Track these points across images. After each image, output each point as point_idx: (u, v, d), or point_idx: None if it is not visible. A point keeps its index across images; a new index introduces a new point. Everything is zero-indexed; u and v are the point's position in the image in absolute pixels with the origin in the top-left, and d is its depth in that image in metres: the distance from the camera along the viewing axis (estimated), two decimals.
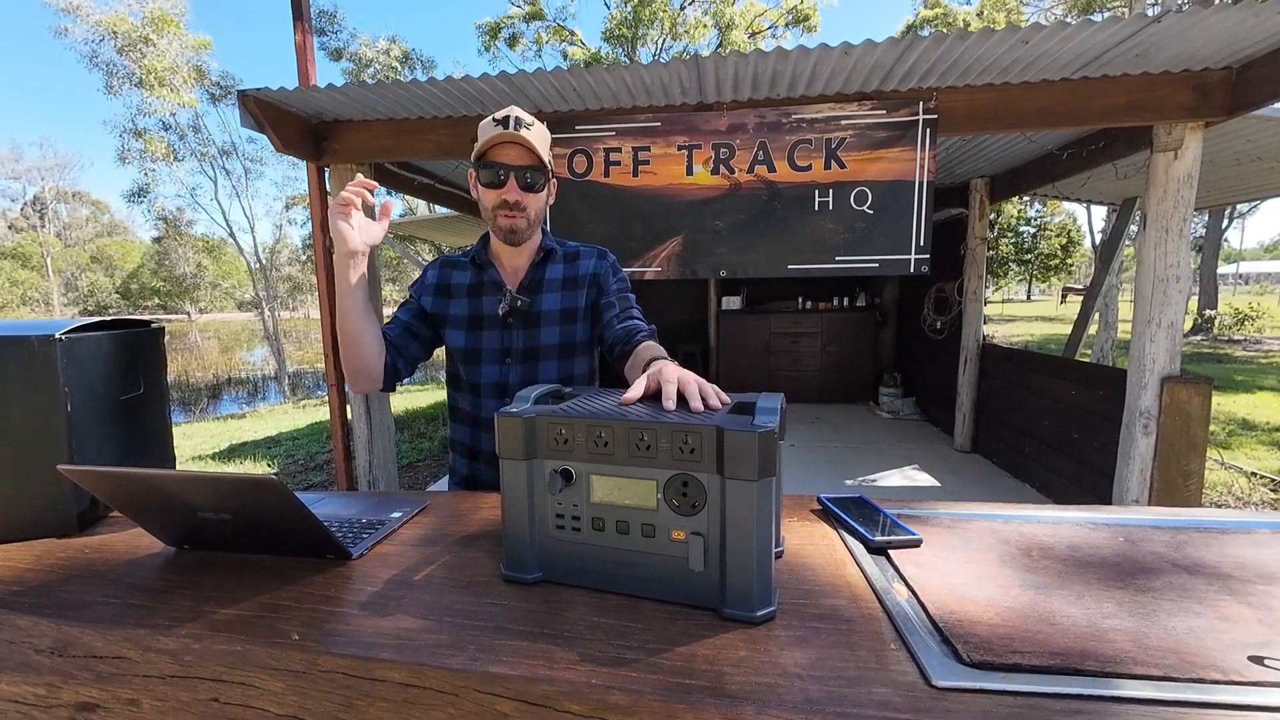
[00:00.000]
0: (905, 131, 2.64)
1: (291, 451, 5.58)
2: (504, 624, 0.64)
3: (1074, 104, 2.50)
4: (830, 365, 6.72)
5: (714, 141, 2.82)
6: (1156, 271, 2.56)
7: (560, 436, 0.70)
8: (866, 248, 2.75)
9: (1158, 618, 0.64)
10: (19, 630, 0.67)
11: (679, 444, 0.65)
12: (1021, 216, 18.70)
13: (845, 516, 0.89)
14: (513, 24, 16.99)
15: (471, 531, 0.91)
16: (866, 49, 2.26)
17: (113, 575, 0.78)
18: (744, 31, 16.23)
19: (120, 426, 1.01)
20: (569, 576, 0.72)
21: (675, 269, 2.96)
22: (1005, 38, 2.15)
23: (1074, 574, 0.74)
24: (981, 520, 0.92)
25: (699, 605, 0.66)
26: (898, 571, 0.75)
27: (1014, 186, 4.38)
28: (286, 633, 0.63)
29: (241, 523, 0.76)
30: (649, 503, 0.68)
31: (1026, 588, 0.71)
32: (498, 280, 1.22)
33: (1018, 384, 4.16)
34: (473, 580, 0.74)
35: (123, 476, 0.72)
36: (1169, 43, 2.16)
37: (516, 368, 1.21)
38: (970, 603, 0.67)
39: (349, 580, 0.75)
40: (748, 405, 0.72)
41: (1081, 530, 0.88)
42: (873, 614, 0.65)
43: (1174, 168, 2.50)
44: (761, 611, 0.63)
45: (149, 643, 0.64)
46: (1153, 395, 2.59)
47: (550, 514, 0.72)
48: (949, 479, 4.13)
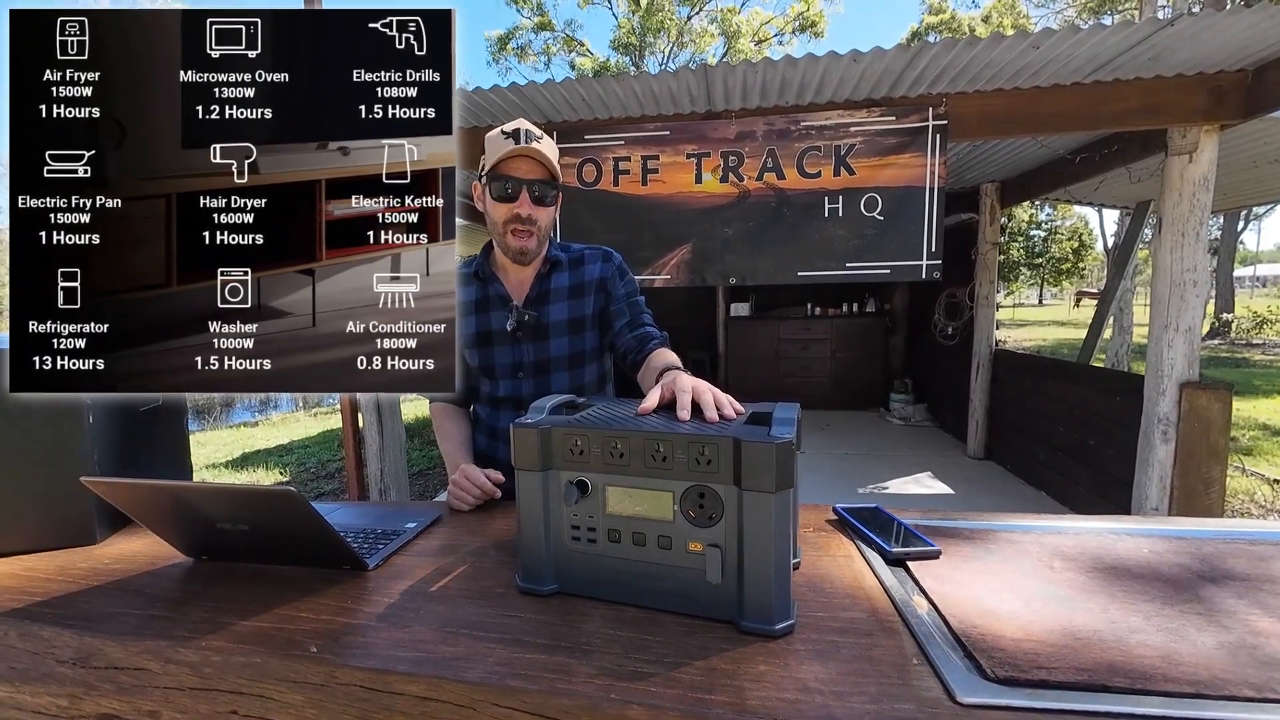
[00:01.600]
0: (915, 138, 2.64)
1: (303, 459, 5.63)
2: (521, 636, 0.64)
3: (1086, 108, 2.48)
4: (840, 371, 6.68)
5: (723, 149, 2.82)
6: (1173, 276, 2.53)
7: (576, 447, 0.70)
8: (877, 254, 2.74)
9: (1187, 633, 0.62)
10: (42, 641, 0.68)
11: (695, 455, 0.65)
12: (1033, 221, 18.57)
13: (862, 527, 0.88)
14: (522, 35, 17.20)
15: (486, 542, 0.91)
16: (876, 56, 2.26)
17: (133, 586, 0.78)
18: (750, 39, 16.31)
19: (139, 438, 1.02)
20: (585, 588, 0.72)
21: (685, 276, 2.96)
22: (1016, 43, 2.14)
23: (1098, 587, 0.73)
24: (1001, 531, 0.91)
25: (717, 618, 0.66)
26: (917, 583, 0.74)
27: (1025, 191, 4.35)
28: (305, 645, 0.63)
29: (260, 534, 0.77)
30: (665, 514, 0.67)
31: (1050, 601, 0.70)
32: (503, 294, 1.21)
33: (1032, 390, 4.11)
34: (488, 592, 0.74)
35: (143, 488, 0.73)
36: (1182, 46, 2.14)
37: (529, 380, 1.21)
38: (993, 616, 0.66)
39: (366, 591, 0.75)
40: (764, 415, 0.72)
41: (1104, 541, 0.87)
42: (893, 627, 0.64)
43: (1189, 171, 2.48)
44: (780, 625, 0.63)
45: (169, 654, 0.64)
46: (1171, 401, 2.55)
47: (566, 525, 0.72)
48: (962, 486, 4.08)
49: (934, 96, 2.62)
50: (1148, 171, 3.06)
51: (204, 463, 5.61)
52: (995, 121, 2.59)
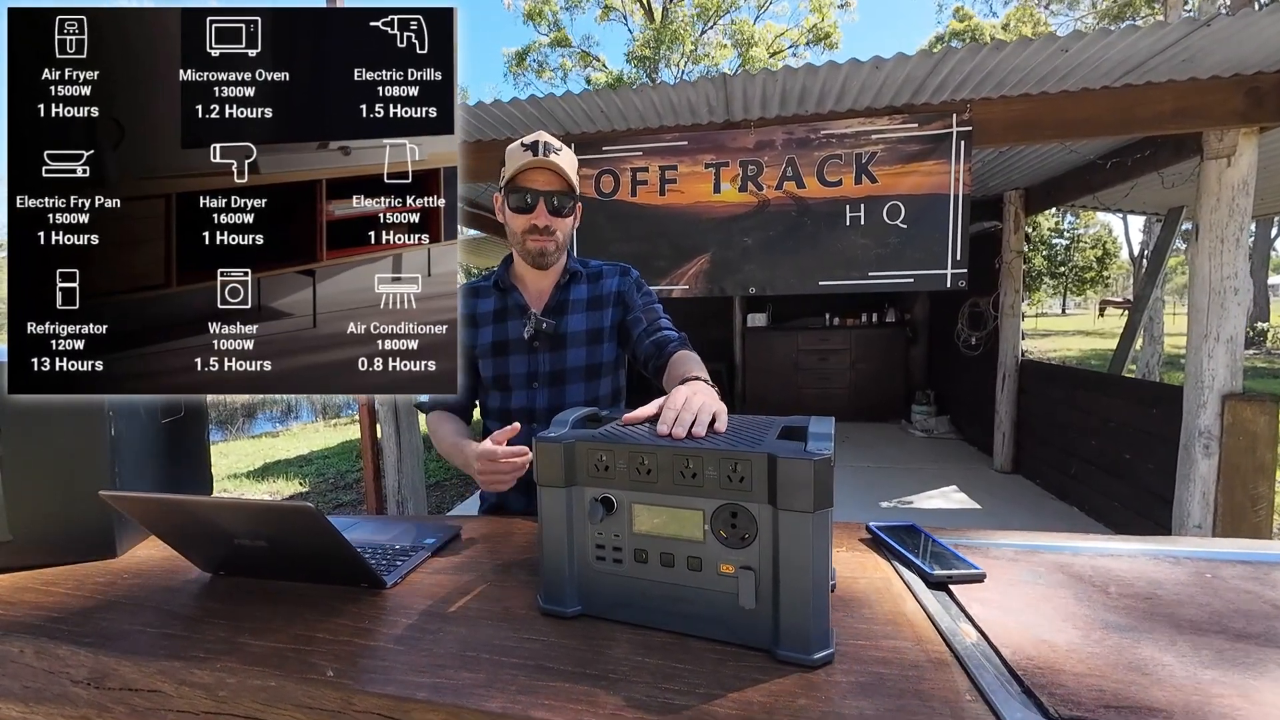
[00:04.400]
0: (938, 144, 2.59)
1: (322, 470, 5.67)
2: (544, 662, 0.61)
3: (1117, 112, 2.42)
4: (859, 383, 6.56)
5: (741, 159, 2.80)
6: (1212, 284, 2.43)
7: (600, 463, 0.67)
8: (900, 263, 2.68)
9: (1266, 668, 0.57)
10: (58, 660, 0.67)
11: (727, 472, 0.62)
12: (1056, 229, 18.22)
13: (899, 547, 0.84)
14: (539, 51, 17.47)
15: (507, 559, 0.88)
16: (898, 63, 2.23)
17: (150, 602, 0.77)
18: (765, 51, 16.37)
19: (162, 449, 1.02)
20: (610, 611, 0.69)
21: (703, 287, 2.93)
22: (1043, 47, 2.09)
23: (1160, 615, 0.68)
24: (1047, 552, 0.86)
25: (750, 645, 0.62)
26: (963, 610, 0.70)
27: (1050, 198, 4.26)
28: (321, 668, 0.61)
29: (277, 550, 0.75)
30: (695, 534, 0.64)
31: (1110, 630, 0.65)
32: (522, 304, 1.21)
33: (1062, 402, 3.98)
34: (509, 613, 0.71)
35: (162, 503, 0.72)
36: (1219, 47, 2.08)
37: (543, 391, 1.20)
38: (1048, 647, 0.61)
39: (383, 611, 0.73)
40: (798, 429, 0.69)
41: (1160, 565, 0.81)
42: (940, 658, 0.60)
43: (1227, 175, 2.39)
44: (819, 654, 0.59)
45: (184, 675, 0.62)
46: (1213, 414, 2.44)
47: (590, 544, 0.69)
48: (990, 501, 3.96)
49: (957, 103, 2.57)
50: (1181, 176, 2.96)
51: (226, 472, 5.68)
52: (1022, 127, 2.54)
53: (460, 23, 0.85)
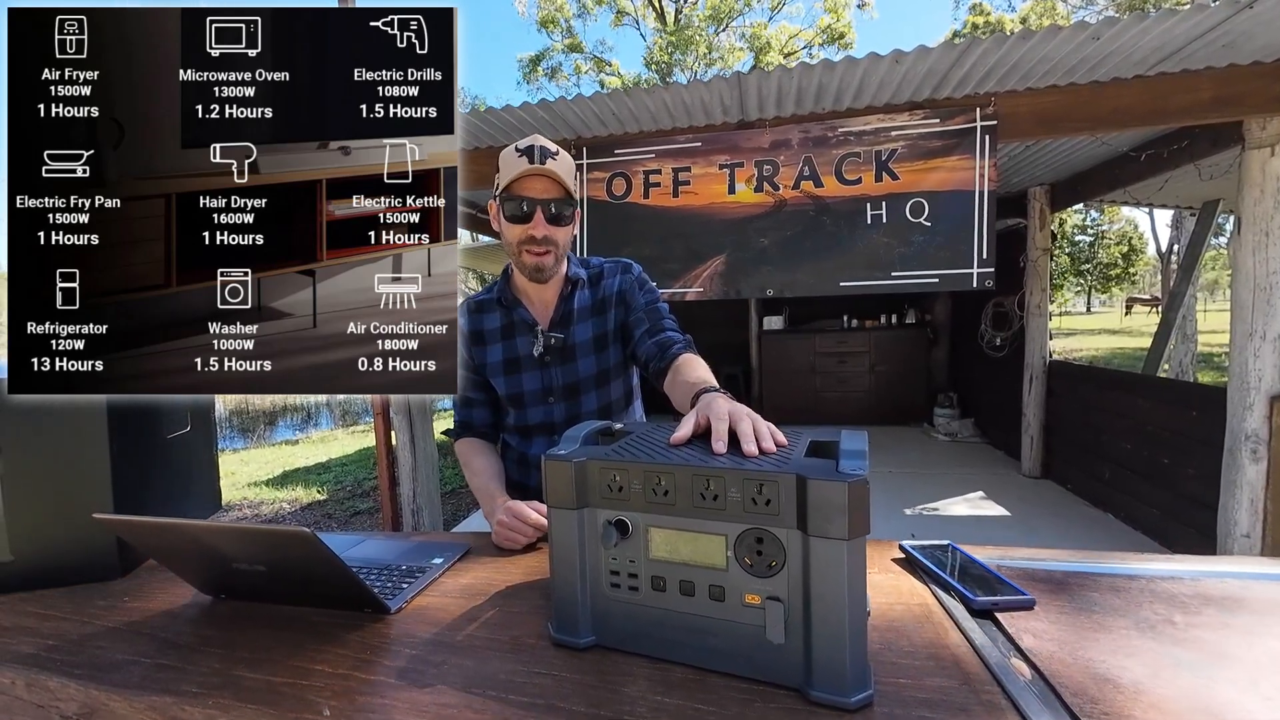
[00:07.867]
0: (962, 139, 2.51)
1: (340, 478, 5.71)
2: (554, 701, 0.56)
3: (1151, 102, 2.31)
4: (880, 386, 6.43)
5: (756, 159, 2.75)
6: (1256, 279, 2.31)
7: (614, 483, 0.63)
8: (925, 262, 2.60)
9: None
10: (48, 693, 0.64)
11: (752, 494, 0.56)
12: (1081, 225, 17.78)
13: (938, 570, 0.78)
14: (553, 57, 17.57)
15: (517, 581, 0.84)
16: (919, 56, 2.16)
17: (147, 628, 0.74)
18: (779, 53, 16.26)
19: (167, 466, 0.99)
20: (625, 642, 0.64)
21: (718, 289, 2.88)
22: (1073, 35, 2.01)
23: (1237, 649, 0.61)
24: (1101, 575, 0.79)
25: (779, 684, 0.57)
26: (1013, 642, 0.64)
27: (1077, 194, 4.12)
28: (318, 706, 0.57)
29: (277, 575, 0.72)
30: (717, 561, 0.59)
31: (1181, 667, 0.58)
32: (528, 319, 1.17)
33: (1094, 404, 3.84)
34: (518, 643, 0.67)
35: (157, 527, 0.69)
36: (1262, 31, 1.97)
37: (560, 404, 1.18)
38: (1112, 688, 0.55)
39: (386, 639, 0.69)
40: (827, 446, 0.63)
41: (1229, 589, 0.74)
42: (992, 700, 0.54)
43: (1271, 165, 2.27)
44: (857, 696, 0.53)
45: (174, 713, 0.59)
46: (1260, 416, 2.32)
47: (604, 570, 0.64)
48: (1019, 507, 3.83)
49: (981, 96, 2.49)
50: (1219, 168, 2.84)
51: (247, 480, 5.75)
52: (1049, 120, 2.44)
53: (460, 23, 0.84)
